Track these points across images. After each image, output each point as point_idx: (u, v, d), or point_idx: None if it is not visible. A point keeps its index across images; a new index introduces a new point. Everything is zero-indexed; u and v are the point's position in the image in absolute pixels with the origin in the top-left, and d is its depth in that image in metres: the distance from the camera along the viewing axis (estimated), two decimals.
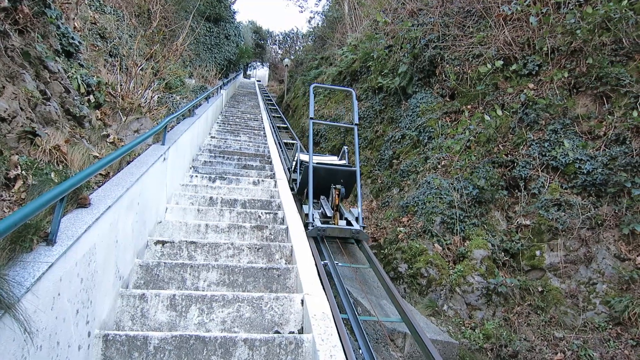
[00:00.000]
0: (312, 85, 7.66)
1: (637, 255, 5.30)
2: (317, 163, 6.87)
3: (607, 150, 5.95)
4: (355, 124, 7.22)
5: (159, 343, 2.92)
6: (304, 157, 7.93)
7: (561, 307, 5.48)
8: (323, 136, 13.58)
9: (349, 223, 6.26)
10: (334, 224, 6.14)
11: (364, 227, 6.31)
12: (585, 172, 5.97)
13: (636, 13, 6.22)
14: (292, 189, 7.38)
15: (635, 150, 5.60)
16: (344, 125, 8.96)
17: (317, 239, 5.96)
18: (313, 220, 6.09)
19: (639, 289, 5.09)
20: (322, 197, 7.03)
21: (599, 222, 5.68)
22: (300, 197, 7.73)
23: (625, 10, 6.19)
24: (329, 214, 6.40)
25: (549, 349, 5.18)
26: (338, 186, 6.18)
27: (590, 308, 5.32)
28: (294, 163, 8.38)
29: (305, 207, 6.57)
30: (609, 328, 5.08)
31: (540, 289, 5.74)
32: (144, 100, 6.66)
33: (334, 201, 6.22)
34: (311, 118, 7.22)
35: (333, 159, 8.36)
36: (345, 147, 8.07)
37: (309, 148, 6.60)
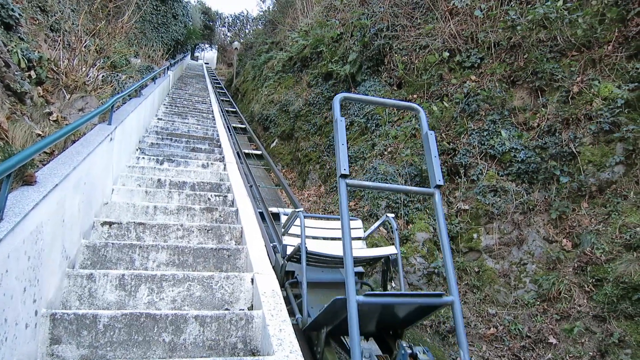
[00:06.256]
0: (339, 97, 2.85)
1: (564, 238, 5.75)
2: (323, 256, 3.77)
3: (539, 140, 6.37)
4: (437, 187, 2.85)
5: (108, 321, 2.92)
6: (314, 239, 4.64)
7: (495, 286, 5.88)
8: (273, 121, 13.57)
9: None
10: None
11: None
12: (519, 160, 6.37)
13: (570, 13, 6.64)
14: (286, 300, 3.69)
15: (565, 140, 6.04)
16: (415, 190, 3.18)
17: None
18: None
19: (564, 269, 5.54)
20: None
21: (531, 207, 6.10)
22: (310, 335, 3.74)
23: (561, 10, 6.60)
24: None
25: (483, 324, 5.56)
26: (418, 353, 2.89)
27: (521, 286, 5.74)
28: (284, 238, 4.62)
29: None
30: (537, 304, 5.50)
31: (476, 269, 6.11)
32: (88, 79, 6.43)
33: None
34: (343, 175, 2.68)
35: (355, 226, 4.99)
36: (390, 215, 4.44)
37: (344, 243, 2.52)
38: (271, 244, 5.53)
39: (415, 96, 8.40)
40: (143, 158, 7.22)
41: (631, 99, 5.67)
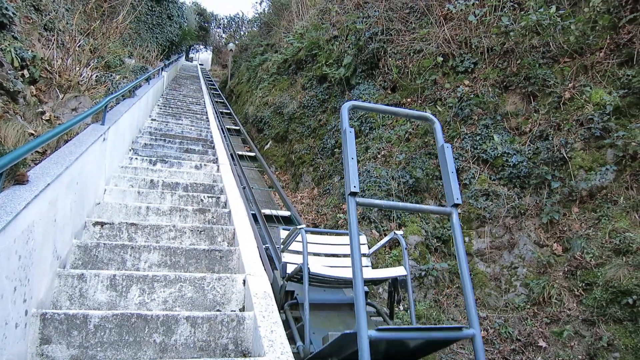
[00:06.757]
0: (348, 106, 2.77)
1: (554, 242, 5.79)
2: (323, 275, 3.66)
3: (531, 145, 6.42)
4: (454, 205, 2.61)
5: (99, 321, 2.91)
6: (315, 255, 4.44)
7: (486, 289, 5.91)
8: (267, 123, 13.57)
9: None
10: None
11: None
12: (511, 164, 6.42)
13: (563, 20, 6.71)
14: (285, 324, 3.35)
15: (556, 145, 6.09)
16: (431, 210, 2.87)
17: None
18: None
19: (555, 273, 5.58)
20: None
21: (522, 211, 6.14)
22: None
23: (554, 17, 6.68)
24: None
25: None
26: None
27: (512, 290, 5.78)
28: (283, 254, 4.31)
29: None
30: (527, 308, 5.54)
31: None
32: (82, 78, 6.41)
33: None
34: (352, 193, 2.35)
35: (360, 242, 3.86)
36: (398, 232, 4.27)
37: (355, 275, 2.22)
38: (264, 246, 5.53)
39: (409, 100, 8.45)
40: (136, 159, 7.20)
41: (622, 105, 5.74)
